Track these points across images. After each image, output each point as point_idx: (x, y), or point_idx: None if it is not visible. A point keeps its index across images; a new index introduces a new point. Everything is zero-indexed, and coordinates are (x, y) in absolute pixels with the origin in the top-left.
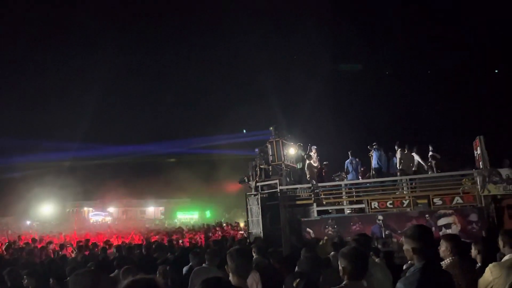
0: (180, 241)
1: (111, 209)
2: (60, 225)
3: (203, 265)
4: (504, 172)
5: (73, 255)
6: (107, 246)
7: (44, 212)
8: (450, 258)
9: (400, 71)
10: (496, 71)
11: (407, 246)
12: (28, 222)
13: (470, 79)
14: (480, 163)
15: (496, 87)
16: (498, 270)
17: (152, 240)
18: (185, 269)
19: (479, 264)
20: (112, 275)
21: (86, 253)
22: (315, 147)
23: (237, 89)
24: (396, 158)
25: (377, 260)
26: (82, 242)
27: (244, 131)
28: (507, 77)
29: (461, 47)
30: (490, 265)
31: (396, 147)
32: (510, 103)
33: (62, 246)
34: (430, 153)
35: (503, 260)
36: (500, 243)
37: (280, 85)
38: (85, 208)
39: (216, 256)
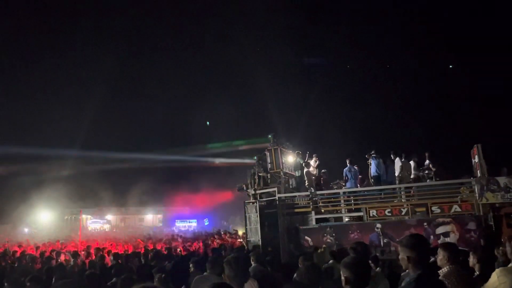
0: (178, 249)
1: (109, 217)
2: (59, 233)
3: (205, 273)
4: (502, 180)
5: (71, 263)
6: (105, 254)
7: (42, 220)
8: (448, 266)
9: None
10: (451, 66)
11: (402, 255)
12: (26, 230)
13: (467, 86)
14: (478, 171)
15: (494, 94)
16: (504, 275)
17: (150, 248)
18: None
19: (477, 272)
20: (109, 283)
21: (87, 261)
22: (316, 155)
23: (236, 97)
24: (394, 166)
25: (377, 269)
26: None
27: (208, 123)
28: (505, 84)
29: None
30: (497, 270)
31: (393, 156)
32: (508, 111)
33: (58, 254)
34: (427, 161)
35: (510, 265)
36: (508, 250)
37: (279, 94)
38: (83, 216)
39: (217, 264)
